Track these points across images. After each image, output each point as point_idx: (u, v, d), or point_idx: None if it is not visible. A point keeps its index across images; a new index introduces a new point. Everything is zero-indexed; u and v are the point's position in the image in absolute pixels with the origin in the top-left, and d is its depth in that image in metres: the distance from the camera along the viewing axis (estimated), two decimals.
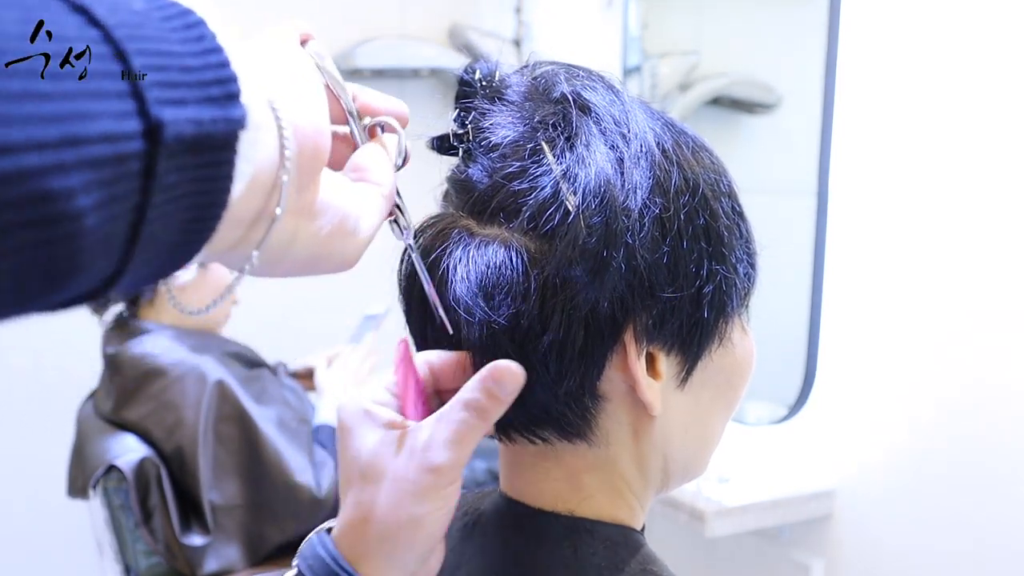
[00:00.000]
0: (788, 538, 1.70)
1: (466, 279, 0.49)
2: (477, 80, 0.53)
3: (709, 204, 0.51)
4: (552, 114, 0.50)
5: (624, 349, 0.50)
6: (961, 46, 1.40)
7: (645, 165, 0.50)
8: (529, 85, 0.53)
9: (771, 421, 1.74)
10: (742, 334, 0.56)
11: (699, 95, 2.01)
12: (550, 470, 0.54)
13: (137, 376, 1.52)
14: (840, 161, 1.57)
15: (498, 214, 0.50)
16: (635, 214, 0.48)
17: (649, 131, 0.51)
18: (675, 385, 0.53)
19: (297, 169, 0.37)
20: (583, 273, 0.47)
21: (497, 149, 0.50)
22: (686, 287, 0.50)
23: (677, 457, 0.56)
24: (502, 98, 0.52)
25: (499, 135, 0.50)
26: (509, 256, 0.48)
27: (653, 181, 0.49)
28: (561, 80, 0.52)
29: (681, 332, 0.51)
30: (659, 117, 0.53)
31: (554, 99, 0.51)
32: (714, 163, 0.54)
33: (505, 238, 0.49)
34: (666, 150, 0.51)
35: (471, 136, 0.52)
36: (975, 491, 1.41)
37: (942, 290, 1.43)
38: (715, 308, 0.52)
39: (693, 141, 0.53)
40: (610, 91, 0.53)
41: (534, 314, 0.48)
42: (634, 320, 0.49)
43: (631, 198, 0.48)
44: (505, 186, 0.49)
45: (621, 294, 0.48)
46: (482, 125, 0.51)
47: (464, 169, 0.52)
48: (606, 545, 0.53)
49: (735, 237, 0.53)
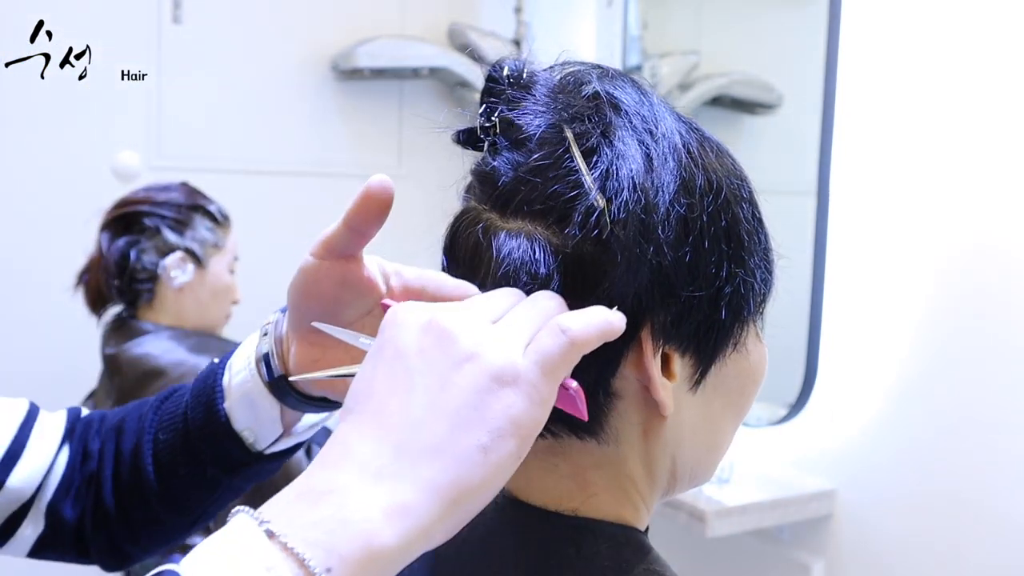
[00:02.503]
0: (788, 538, 1.70)
1: (491, 271, 0.49)
2: (505, 76, 0.53)
3: (731, 207, 0.52)
4: (585, 107, 0.51)
5: (640, 347, 0.50)
6: (961, 46, 1.40)
7: (672, 164, 0.50)
8: (558, 81, 0.53)
9: (771, 421, 1.74)
10: (756, 341, 0.56)
11: (699, 95, 2.01)
12: (558, 466, 0.54)
13: (137, 376, 1.52)
14: (840, 161, 1.57)
15: (523, 207, 0.50)
16: (662, 211, 0.49)
17: (676, 132, 0.52)
18: (688, 388, 0.53)
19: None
20: (615, 267, 0.48)
21: (527, 141, 0.51)
22: (706, 287, 0.50)
23: (685, 460, 0.56)
24: (531, 92, 0.52)
25: (532, 125, 0.51)
26: (533, 248, 0.49)
27: (680, 181, 0.50)
28: (592, 78, 0.52)
29: (698, 333, 0.51)
30: (684, 119, 0.54)
31: (585, 95, 0.52)
32: (736, 168, 0.55)
33: (529, 231, 0.49)
34: (692, 151, 0.51)
35: (498, 129, 0.52)
36: (975, 491, 1.41)
37: (942, 290, 1.43)
38: (732, 311, 0.52)
39: (717, 146, 0.54)
40: (639, 91, 0.53)
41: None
42: (652, 318, 0.49)
43: (660, 195, 0.49)
44: (532, 179, 0.50)
45: (643, 291, 0.49)
46: (511, 117, 0.52)
47: (489, 162, 0.52)
48: (610, 545, 0.53)
49: (754, 243, 0.53)
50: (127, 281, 1.59)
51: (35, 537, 0.73)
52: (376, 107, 2.52)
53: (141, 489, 0.72)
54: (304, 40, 2.43)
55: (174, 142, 2.29)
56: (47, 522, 0.73)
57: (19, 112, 2.11)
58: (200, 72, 2.30)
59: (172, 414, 0.71)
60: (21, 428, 0.73)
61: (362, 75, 2.44)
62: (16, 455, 0.71)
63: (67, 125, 2.16)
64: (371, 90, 2.51)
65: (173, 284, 1.59)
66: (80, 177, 2.17)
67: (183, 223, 1.60)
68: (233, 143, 2.37)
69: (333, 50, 2.43)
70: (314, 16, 2.44)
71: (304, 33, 2.43)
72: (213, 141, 2.34)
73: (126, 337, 1.58)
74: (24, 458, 0.71)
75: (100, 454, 0.74)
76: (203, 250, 1.62)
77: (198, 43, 2.29)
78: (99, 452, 0.74)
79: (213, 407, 0.68)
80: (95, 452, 0.74)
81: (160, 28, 2.24)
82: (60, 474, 0.73)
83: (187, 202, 1.62)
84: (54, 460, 0.73)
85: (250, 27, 2.36)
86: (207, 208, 1.64)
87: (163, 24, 2.24)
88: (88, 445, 0.75)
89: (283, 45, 2.41)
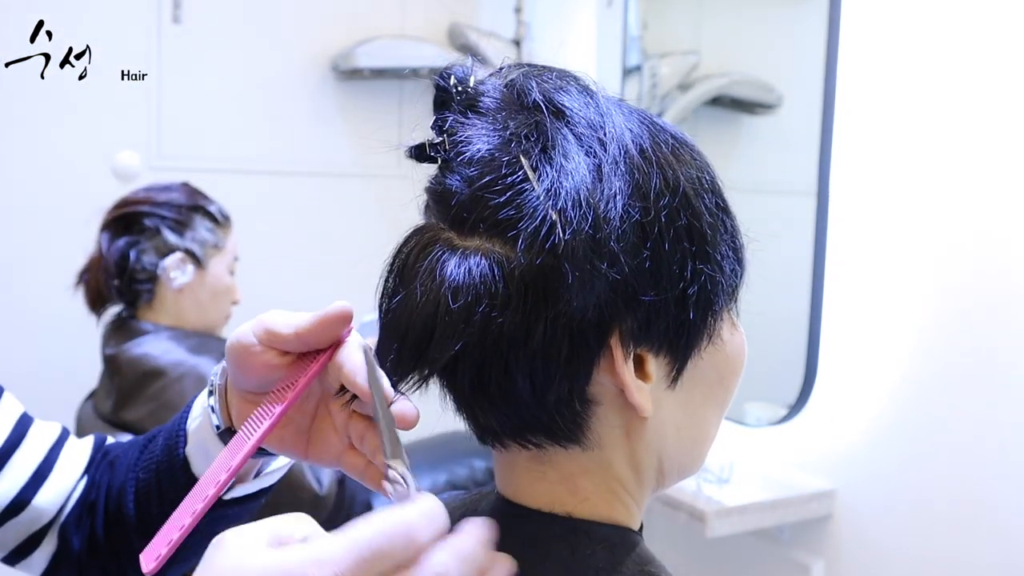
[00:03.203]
0: (788, 538, 1.70)
1: (448, 291, 0.48)
2: (452, 86, 0.52)
3: (691, 203, 0.51)
4: (526, 124, 0.50)
5: (611, 353, 0.49)
6: (961, 46, 1.40)
7: (623, 169, 0.49)
8: (503, 92, 0.52)
9: (771, 421, 1.74)
10: (732, 330, 0.55)
11: (699, 95, 2.01)
12: (545, 473, 0.54)
13: (136, 377, 1.52)
14: (840, 161, 1.57)
15: (478, 225, 0.49)
16: (616, 221, 0.48)
17: (626, 132, 0.50)
18: (666, 385, 0.53)
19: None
20: (568, 283, 0.47)
21: (473, 162, 0.50)
22: (670, 289, 0.49)
23: (672, 456, 0.55)
24: (476, 107, 0.51)
25: (474, 148, 0.50)
26: (491, 267, 0.48)
27: (632, 185, 0.49)
28: (533, 86, 0.51)
29: (668, 333, 0.51)
30: (636, 115, 0.53)
31: (528, 106, 0.50)
32: (695, 159, 0.53)
33: (487, 249, 0.48)
34: (644, 151, 0.50)
35: (447, 146, 0.51)
36: (975, 491, 1.41)
37: (942, 290, 1.43)
38: (701, 307, 0.51)
39: (673, 138, 0.53)
40: (584, 93, 0.52)
41: (517, 324, 0.47)
42: (619, 325, 0.49)
43: (611, 205, 0.48)
44: (484, 198, 0.49)
45: (605, 301, 0.48)
46: (458, 137, 0.51)
47: (442, 180, 0.51)
48: (604, 546, 0.52)
49: (719, 234, 0.52)
50: (127, 281, 1.59)
51: (48, 557, 0.75)
52: (376, 107, 2.52)
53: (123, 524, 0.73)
54: (304, 40, 2.43)
55: (174, 142, 2.29)
56: (58, 544, 0.75)
57: (19, 112, 2.11)
58: (200, 72, 2.31)
59: (151, 454, 0.73)
60: (51, 450, 0.75)
61: (362, 75, 2.44)
62: (44, 475, 0.73)
63: (67, 125, 2.16)
64: (371, 90, 2.51)
65: (173, 285, 1.59)
66: (80, 177, 2.17)
67: (183, 223, 1.60)
68: (233, 143, 2.37)
69: (333, 50, 2.43)
70: (314, 16, 2.44)
71: (304, 33, 2.43)
72: (213, 141, 2.34)
73: (126, 337, 1.58)
74: (51, 479, 0.73)
75: (98, 486, 0.76)
76: (203, 251, 1.62)
77: (198, 43, 2.29)
78: (97, 484, 0.76)
79: (175, 451, 0.70)
80: (98, 483, 0.76)
81: (160, 28, 2.24)
82: (76, 500, 0.76)
83: (187, 202, 1.62)
84: (75, 485, 0.76)
85: (250, 27, 2.36)
86: (207, 208, 1.64)
87: (163, 24, 2.24)
88: (95, 476, 0.77)
89: (283, 45, 2.41)
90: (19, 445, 0.73)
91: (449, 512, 0.62)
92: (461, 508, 0.62)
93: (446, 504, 0.63)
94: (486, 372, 0.49)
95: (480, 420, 0.53)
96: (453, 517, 0.61)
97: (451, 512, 0.62)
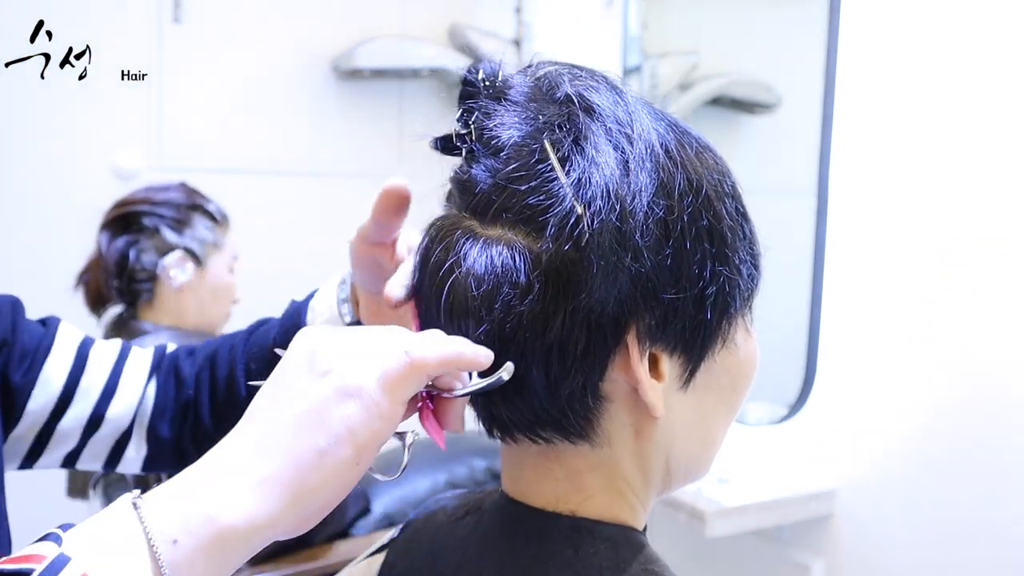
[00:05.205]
0: (788, 538, 1.70)
1: (469, 279, 0.49)
2: (480, 80, 0.53)
3: (712, 205, 0.51)
4: (557, 115, 0.50)
5: (627, 350, 0.50)
6: (961, 45, 1.40)
7: (650, 167, 0.49)
8: (532, 86, 0.53)
9: (771, 421, 1.74)
10: (746, 335, 0.56)
11: (699, 95, 2.01)
12: (552, 470, 0.54)
13: None
14: (840, 161, 1.57)
15: (501, 215, 0.50)
16: (640, 216, 0.48)
17: (653, 132, 0.51)
18: (678, 386, 0.53)
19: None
20: (591, 274, 0.47)
21: (502, 150, 0.50)
22: (689, 288, 0.50)
23: (679, 458, 0.56)
24: (505, 98, 0.52)
25: (504, 136, 0.50)
26: (512, 257, 0.48)
27: (657, 183, 0.49)
28: (565, 81, 0.52)
29: (684, 333, 0.51)
30: (663, 117, 0.53)
31: (558, 100, 0.51)
32: (718, 164, 0.54)
33: (509, 239, 0.49)
34: (670, 151, 0.51)
35: (474, 136, 0.52)
36: (975, 491, 1.41)
37: (942, 290, 1.43)
38: (718, 309, 0.52)
39: (697, 142, 0.53)
40: (613, 92, 0.52)
41: (536, 315, 0.48)
42: (637, 321, 0.49)
43: (637, 200, 0.48)
44: (509, 187, 0.49)
45: (625, 296, 0.48)
46: (486, 125, 0.51)
47: (467, 169, 0.52)
48: (608, 545, 0.53)
49: (738, 238, 0.53)
50: (127, 281, 1.59)
51: (142, 457, 0.85)
52: (376, 107, 2.52)
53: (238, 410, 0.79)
54: (304, 40, 2.43)
55: (174, 142, 2.29)
56: (148, 444, 0.84)
57: (19, 112, 2.11)
58: (200, 72, 2.31)
59: (261, 347, 0.82)
60: (115, 366, 0.83)
61: (362, 75, 2.44)
62: (112, 390, 0.82)
63: (67, 125, 2.17)
64: (371, 90, 2.51)
65: (173, 284, 1.59)
66: (80, 177, 2.17)
67: (182, 223, 1.60)
68: (233, 143, 2.37)
69: (333, 50, 2.44)
70: (314, 16, 2.44)
71: (304, 33, 2.43)
72: (213, 141, 2.34)
73: (126, 337, 1.58)
74: (119, 393, 0.82)
75: (196, 381, 0.85)
76: (202, 249, 1.62)
77: (198, 43, 2.29)
78: (195, 380, 0.85)
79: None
80: (189, 380, 0.85)
81: (160, 28, 2.24)
82: (151, 403, 0.84)
83: (186, 202, 1.62)
84: (144, 392, 0.84)
85: (250, 27, 2.36)
86: (206, 208, 1.64)
87: (163, 24, 2.24)
88: (180, 374, 0.85)
89: (283, 45, 2.41)
90: (84, 369, 0.81)
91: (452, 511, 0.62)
92: (463, 506, 0.62)
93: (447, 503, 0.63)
94: (502, 362, 0.49)
95: (492, 411, 0.53)
96: (457, 515, 0.61)
97: (454, 511, 0.62)
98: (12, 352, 0.77)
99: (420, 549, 0.61)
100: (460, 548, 0.57)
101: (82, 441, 0.81)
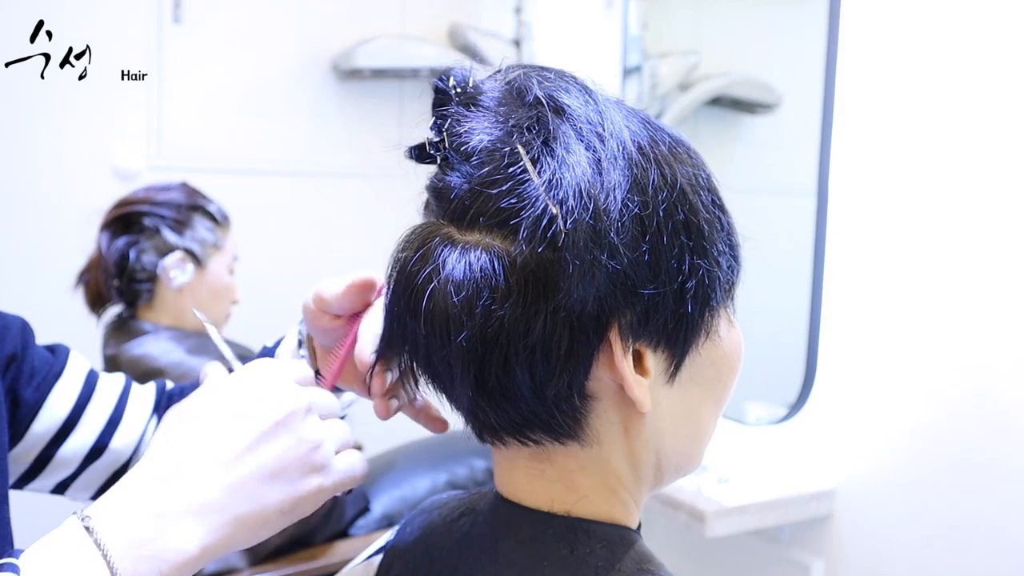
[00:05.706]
0: (788, 538, 1.70)
1: (448, 286, 0.49)
2: (451, 87, 0.53)
3: (688, 199, 0.51)
4: (527, 118, 0.50)
5: (610, 348, 0.50)
6: (961, 45, 1.40)
7: (622, 164, 0.50)
8: (503, 90, 0.53)
9: (771, 421, 1.74)
10: (729, 327, 0.56)
11: (699, 95, 2.01)
12: (544, 471, 0.54)
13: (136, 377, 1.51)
14: (840, 161, 1.57)
15: (478, 220, 0.50)
16: (615, 213, 0.48)
17: (625, 130, 0.51)
18: (664, 381, 0.53)
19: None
20: (568, 274, 0.47)
21: (473, 155, 0.50)
22: (669, 283, 0.50)
23: (670, 453, 0.56)
24: (476, 104, 0.52)
25: (475, 141, 0.50)
26: (491, 261, 0.48)
27: (631, 180, 0.49)
28: (534, 83, 0.52)
29: (667, 328, 0.51)
30: (634, 115, 0.54)
31: (528, 103, 0.51)
32: (691, 157, 0.54)
33: (486, 243, 0.49)
34: (643, 148, 0.51)
35: (447, 144, 0.52)
36: (975, 491, 1.41)
37: (942, 290, 1.43)
38: (699, 302, 0.52)
39: (670, 137, 0.54)
40: (584, 92, 0.53)
41: (517, 318, 0.48)
42: (618, 319, 0.49)
43: (611, 198, 0.48)
44: (483, 192, 0.49)
45: (605, 294, 0.48)
46: (458, 132, 0.52)
47: (443, 177, 0.52)
48: (603, 545, 0.53)
49: (716, 230, 0.53)
50: (126, 281, 1.59)
51: None
52: (376, 107, 2.52)
53: None
54: (304, 40, 2.43)
55: (174, 142, 2.29)
56: None
57: (19, 112, 2.11)
58: (200, 72, 2.31)
59: None
60: (120, 398, 0.84)
61: (362, 75, 2.44)
62: (117, 421, 0.83)
63: (67, 125, 2.17)
64: (371, 90, 2.51)
65: (172, 284, 1.59)
66: (80, 177, 2.17)
67: (183, 223, 1.60)
68: (233, 143, 2.37)
69: (333, 50, 2.44)
70: (314, 16, 2.44)
71: (304, 33, 2.43)
72: (213, 141, 2.34)
73: (126, 337, 1.58)
74: (123, 424, 0.84)
75: None
76: (203, 250, 1.62)
77: (198, 43, 2.29)
78: None
79: None
80: None
81: (160, 28, 2.24)
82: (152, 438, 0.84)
83: (187, 202, 1.62)
84: (146, 428, 0.85)
85: (250, 27, 2.36)
86: (207, 208, 1.64)
87: (163, 24, 2.25)
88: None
89: (283, 45, 2.41)
90: (91, 397, 0.82)
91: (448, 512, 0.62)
92: (460, 508, 0.62)
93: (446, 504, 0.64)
94: (486, 366, 0.49)
95: (479, 416, 0.53)
96: (452, 517, 0.61)
97: (450, 512, 0.62)
98: (22, 368, 0.78)
99: (416, 551, 0.61)
100: (456, 549, 0.58)
101: (79, 469, 0.82)
